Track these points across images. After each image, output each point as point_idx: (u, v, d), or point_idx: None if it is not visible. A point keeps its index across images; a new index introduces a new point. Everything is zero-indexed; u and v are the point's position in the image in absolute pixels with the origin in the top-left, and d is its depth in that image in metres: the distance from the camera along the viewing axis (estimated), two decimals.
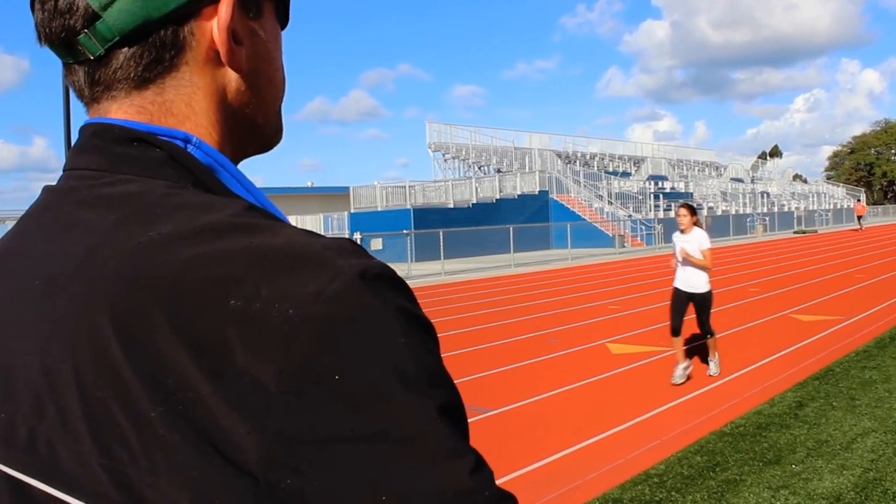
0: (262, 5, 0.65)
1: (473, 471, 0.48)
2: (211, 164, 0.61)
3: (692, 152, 63.21)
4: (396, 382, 0.47)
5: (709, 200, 42.52)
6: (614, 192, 36.24)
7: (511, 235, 23.67)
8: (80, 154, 0.61)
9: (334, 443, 0.46)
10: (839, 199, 61.09)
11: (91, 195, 0.58)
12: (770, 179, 61.69)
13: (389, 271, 0.52)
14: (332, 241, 0.52)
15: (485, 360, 8.05)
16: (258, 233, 0.52)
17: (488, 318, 11.69)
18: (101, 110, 0.62)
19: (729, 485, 4.20)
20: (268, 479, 0.46)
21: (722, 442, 4.94)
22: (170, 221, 0.53)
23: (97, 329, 0.51)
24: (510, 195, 33.04)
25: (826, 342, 8.22)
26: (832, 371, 6.80)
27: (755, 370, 7.03)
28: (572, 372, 7.29)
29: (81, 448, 0.50)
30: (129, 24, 0.57)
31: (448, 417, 0.49)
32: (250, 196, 0.62)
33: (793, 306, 11.16)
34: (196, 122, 0.61)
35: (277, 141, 0.71)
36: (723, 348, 8.13)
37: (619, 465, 4.60)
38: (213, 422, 0.47)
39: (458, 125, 43.84)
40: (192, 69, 0.60)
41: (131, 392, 0.49)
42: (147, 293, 0.50)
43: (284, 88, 0.70)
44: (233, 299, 0.48)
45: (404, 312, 0.51)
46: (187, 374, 0.47)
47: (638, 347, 8.44)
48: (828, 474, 4.27)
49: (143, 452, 0.48)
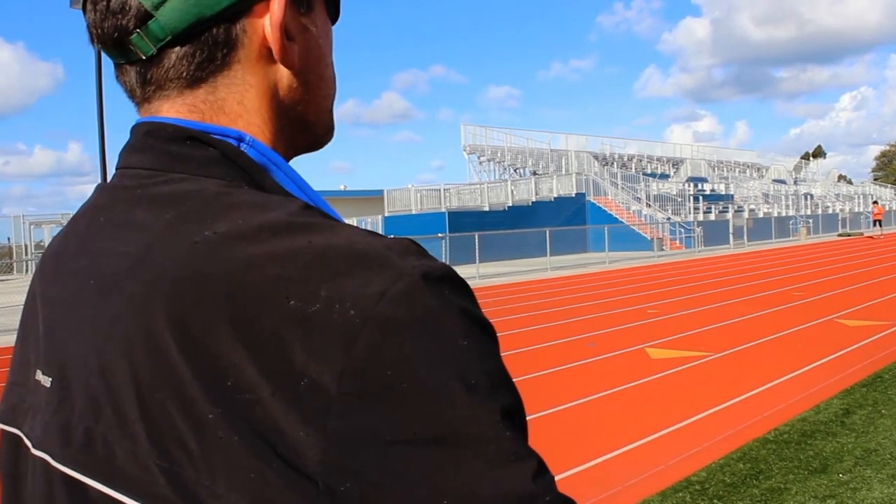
0: (314, 0, 0.64)
1: (536, 475, 0.48)
2: (265, 162, 0.61)
3: (733, 153, 62.42)
4: (459, 385, 0.47)
5: (750, 202, 41.88)
6: (652, 195, 35.88)
7: (548, 238, 23.54)
8: (133, 153, 0.61)
9: (396, 446, 0.45)
10: (888, 201, 59.74)
11: (145, 194, 0.58)
12: (814, 181, 60.66)
13: (452, 272, 0.52)
14: (394, 242, 0.52)
15: (523, 364, 7.99)
16: (317, 232, 0.52)
17: (525, 322, 11.62)
18: (152, 109, 0.61)
19: (773, 493, 4.10)
20: (327, 482, 0.46)
21: (765, 449, 4.83)
22: (225, 221, 0.53)
23: (154, 329, 0.50)
24: (546, 198, 32.88)
25: (873, 348, 8.00)
26: (880, 378, 6.62)
27: (799, 376, 6.87)
28: (611, 376, 7.20)
29: (138, 449, 0.50)
30: (181, 24, 0.57)
31: (510, 421, 0.49)
32: (304, 195, 0.62)
33: (838, 311, 10.91)
34: (248, 120, 0.61)
35: (328, 139, 0.71)
36: (765, 353, 7.98)
37: (660, 471, 4.52)
38: (272, 424, 0.46)
39: (492, 127, 43.86)
40: (245, 67, 0.60)
41: (189, 393, 0.48)
42: (204, 293, 0.49)
43: (335, 86, 0.69)
44: (292, 299, 0.48)
45: (467, 314, 0.50)
46: (246, 376, 0.47)
47: (678, 352, 8.31)
48: (877, 484, 4.15)
49: (201, 454, 0.48)
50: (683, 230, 32.59)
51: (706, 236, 32.17)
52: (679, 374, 7.27)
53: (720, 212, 36.82)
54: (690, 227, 32.44)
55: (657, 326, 10.41)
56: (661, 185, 38.94)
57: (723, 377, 6.98)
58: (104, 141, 0.64)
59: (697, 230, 31.87)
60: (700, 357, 7.95)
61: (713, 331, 9.74)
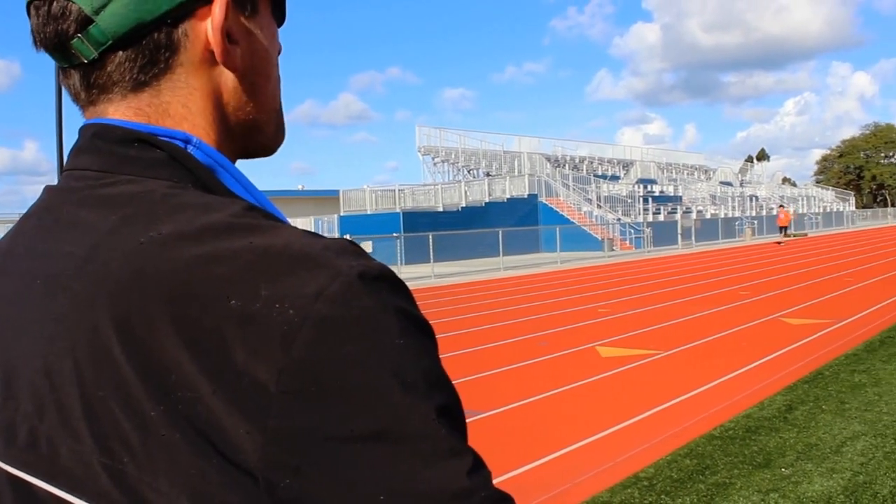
0: (258, 3, 0.64)
1: (471, 471, 0.48)
2: (211, 164, 0.61)
3: (681, 156, 63.56)
4: (395, 383, 0.48)
5: (697, 204, 42.70)
6: (603, 196, 36.35)
7: (500, 239, 23.68)
8: (81, 155, 0.61)
9: (334, 443, 0.46)
10: (829, 203, 61.48)
11: (92, 195, 0.58)
12: (759, 183, 62.07)
13: (389, 272, 0.52)
14: (332, 242, 0.52)
15: (475, 363, 8.02)
16: (259, 233, 0.52)
17: (478, 321, 11.66)
18: (97, 112, 0.62)
19: (718, 488, 4.19)
20: (267, 478, 0.46)
21: (711, 445, 4.92)
22: (171, 222, 0.53)
23: (98, 328, 0.51)
24: (499, 199, 33.08)
25: (815, 346, 8.22)
26: (821, 374, 6.80)
27: (744, 373, 7.03)
28: (562, 375, 7.27)
29: (82, 447, 0.50)
30: (122, 28, 0.57)
31: (446, 418, 0.49)
32: (250, 196, 0.62)
33: (782, 310, 11.19)
34: (193, 122, 0.61)
35: (280, 140, 0.71)
36: (712, 351, 8.14)
37: (609, 468, 4.58)
38: (213, 421, 0.47)
39: (447, 129, 44.01)
40: (188, 70, 0.60)
41: (132, 391, 0.49)
42: (148, 293, 0.50)
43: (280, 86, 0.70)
44: (233, 299, 0.48)
45: (403, 314, 0.51)
46: (188, 374, 0.47)
47: (627, 351, 8.43)
48: (817, 478, 4.26)
49: (143, 451, 0.48)
50: (633, 231, 33.08)
51: (655, 237, 32.69)
52: (628, 372, 7.37)
53: (669, 213, 37.48)
54: (640, 228, 32.92)
55: (607, 325, 10.54)
56: (611, 187, 39.46)
57: (671, 375, 7.11)
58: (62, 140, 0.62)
59: (647, 231, 32.36)
60: (649, 355, 8.07)
61: (662, 329, 9.91)
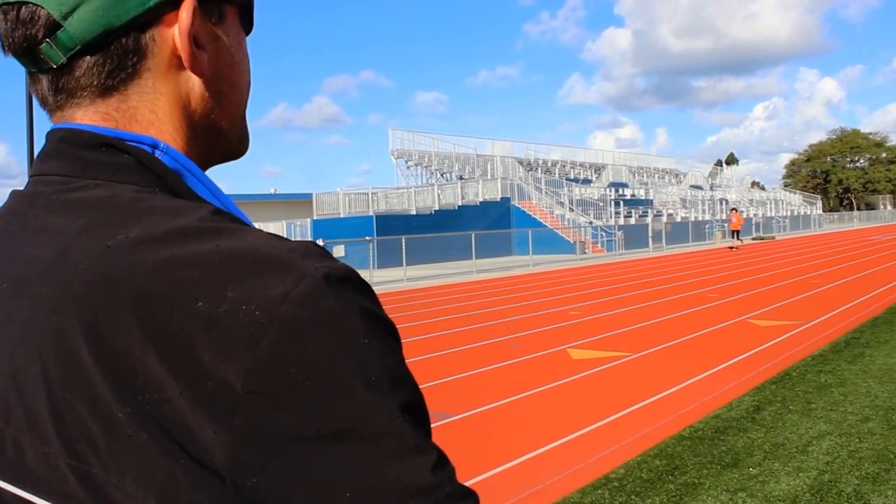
0: (225, 10, 0.65)
1: (435, 467, 0.50)
2: (178, 168, 0.61)
3: (652, 160, 64.02)
4: (360, 382, 0.49)
5: (668, 207, 43.06)
6: (575, 199, 36.50)
7: (473, 242, 23.69)
8: (48, 159, 0.61)
9: (299, 442, 0.47)
10: (796, 206, 62.33)
11: (60, 200, 0.58)
12: (729, 186, 62.72)
13: (353, 274, 0.53)
14: (297, 244, 0.53)
15: (447, 366, 8.02)
16: (225, 236, 0.53)
17: (451, 323, 11.67)
18: (65, 117, 0.62)
19: (688, 488, 4.23)
20: (234, 478, 0.47)
21: (681, 446, 4.97)
22: (138, 226, 0.54)
23: (65, 331, 0.51)
24: (472, 202, 33.10)
25: (783, 347, 8.34)
26: (789, 375, 6.90)
27: (713, 375, 7.11)
28: (534, 377, 7.30)
29: (49, 449, 0.51)
30: (90, 33, 0.57)
31: (410, 416, 0.50)
32: (216, 200, 0.63)
33: (750, 311, 11.33)
34: (160, 128, 0.62)
35: (244, 147, 0.72)
36: (682, 353, 8.22)
37: (580, 469, 4.60)
38: (180, 422, 0.47)
39: (420, 132, 43.92)
40: (156, 76, 0.61)
41: (99, 393, 0.49)
42: (115, 296, 0.50)
43: (249, 93, 0.70)
44: (200, 301, 0.49)
45: (368, 314, 0.52)
46: (155, 376, 0.48)
47: (598, 353, 8.48)
48: (784, 477, 4.32)
49: (111, 453, 0.49)
50: (605, 234, 33.28)
51: (626, 240, 32.93)
52: (599, 374, 7.42)
53: (640, 216, 37.77)
54: (612, 231, 33.16)
55: (579, 328, 10.60)
56: (583, 190, 39.64)
57: (641, 376, 7.16)
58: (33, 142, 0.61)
59: (618, 234, 32.60)
60: (620, 357, 8.13)
61: (633, 332, 9.98)
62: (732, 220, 32.92)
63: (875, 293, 12.83)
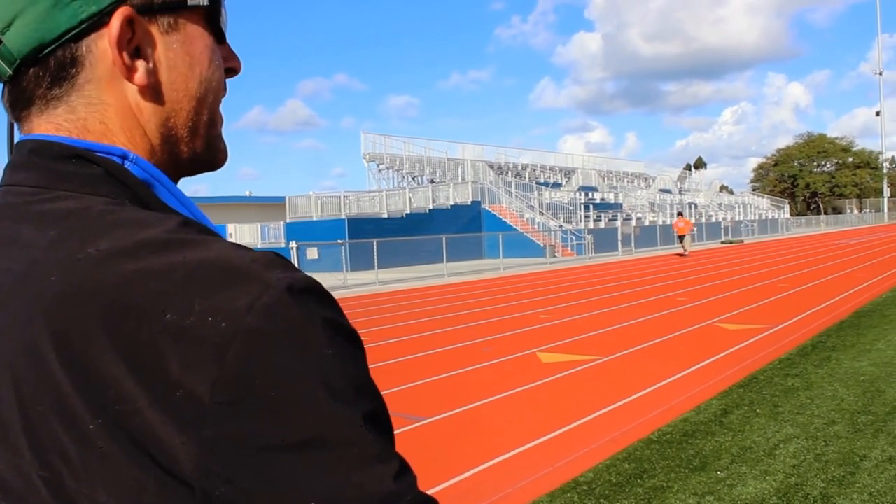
0: (180, 19, 0.64)
1: (397, 475, 0.51)
2: (147, 179, 0.62)
3: (622, 164, 64.48)
4: (324, 392, 0.50)
5: (637, 211, 43.43)
6: (545, 203, 36.68)
7: (444, 245, 23.70)
8: (18, 170, 0.62)
9: (265, 451, 0.48)
10: (764, 210, 63.17)
11: (30, 211, 0.59)
12: (697, 191, 63.41)
13: (315, 284, 0.54)
14: (260, 255, 0.54)
15: (418, 369, 7.99)
16: (191, 248, 0.53)
17: (422, 327, 11.63)
18: (28, 128, 0.63)
19: (656, 491, 4.23)
20: (203, 488, 0.48)
21: (649, 449, 4.98)
22: (107, 238, 0.54)
23: (36, 343, 0.52)
24: (443, 205, 33.14)
25: (750, 350, 8.41)
26: (756, 379, 6.95)
27: (682, 378, 7.14)
28: (503, 381, 7.28)
29: (20, 460, 0.52)
30: (25, 48, 0.58)
31: (373, 425, 0.52)
32: (185, 209, 0.64)
33: (718, 315, 11.43)
34: (112, 139, 0.62)
35: (218, 157, 0.71)
36: (650, 356, 8.26)
37: (549, 472, 4.59)
38: (150, 433, 0.48)
39: (392, 136, 43.93)
40: (99, 86, 0.61)
41: (70, 405, 0.50)
42: (86, 308, 0.51)
43: (217, 101, 0.69)
44: (169, 313, 0.49)
45: (331, 324, 0.53)
46: (125, 387, 0.49)
47: (567, 356, 8.49)
48: (751, 480, 4.34)
49: (82, 464, 0.49)
50: (575, 237, 33.48)
51: (596, 243, 33.13)
52: (568, 377, 7.43)
53: (609, 220, 38.04)
54: (581, 235, 33.35)
55: (548, 331, 10.62)
56: (553, 194, 39.82)
57: (610, 380, 7.18)
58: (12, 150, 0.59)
59: (588, 238, 32.79)
60: (589, 361, 8.14)
61: (602, 335, 10.02)
62: (679, 225, 30.16)
63: (841, 297, 13.02)
